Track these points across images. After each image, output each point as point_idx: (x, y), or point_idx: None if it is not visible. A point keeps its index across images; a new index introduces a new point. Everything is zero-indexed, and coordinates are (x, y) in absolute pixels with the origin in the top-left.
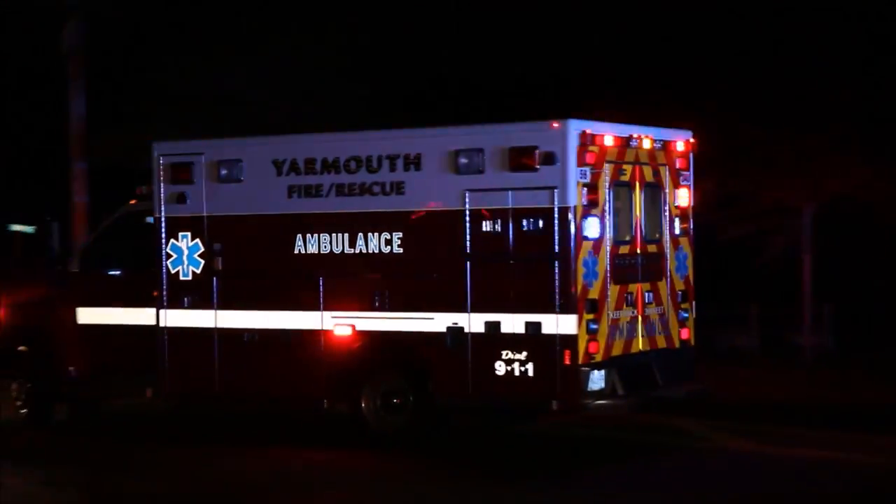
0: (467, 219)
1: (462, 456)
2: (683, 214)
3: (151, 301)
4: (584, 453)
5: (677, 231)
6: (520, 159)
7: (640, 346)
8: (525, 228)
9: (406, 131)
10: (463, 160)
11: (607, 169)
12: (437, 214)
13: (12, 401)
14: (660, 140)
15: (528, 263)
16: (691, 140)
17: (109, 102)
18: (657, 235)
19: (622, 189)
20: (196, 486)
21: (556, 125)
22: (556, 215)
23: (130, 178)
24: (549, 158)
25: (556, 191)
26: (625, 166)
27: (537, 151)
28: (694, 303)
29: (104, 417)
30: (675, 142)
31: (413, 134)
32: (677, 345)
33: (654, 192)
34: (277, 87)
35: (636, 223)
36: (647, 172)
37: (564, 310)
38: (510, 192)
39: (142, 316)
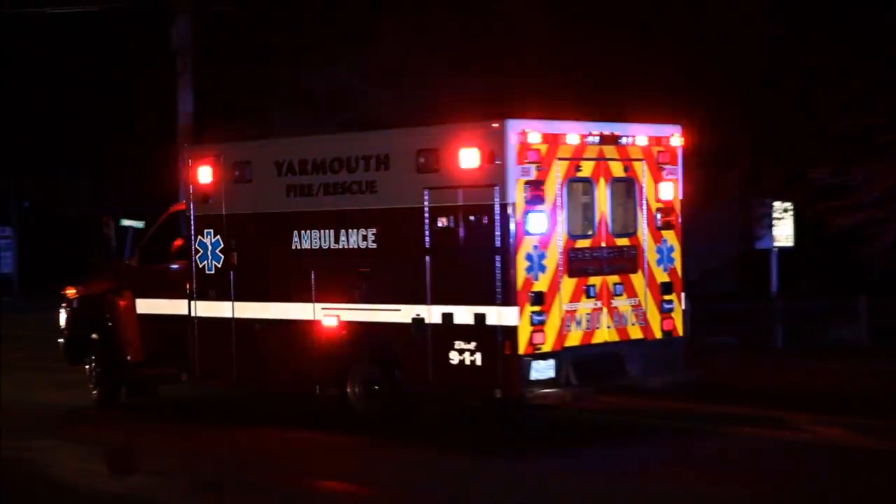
0: (426, 216)
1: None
2: (668, 207)
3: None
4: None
5: (660, 224)
6: (467, 158)
7: (607, 337)
8: (473, 224)
9: (377, 132)
10: (422, 160)
11: (559, 166)
12: (402, 212)
13: (87, 384)
14: (629, 136)
15: (475, 258)
16: (677, 134)
17: (220, 98)
18: (630, 229)
19: (582, 185)
20: None
21: (495, 125)
22: (496, 211)
23: None
24: (491, 157)
25: (496, 188)
26: (583, 163)
27: (480, 151)
28: (682, 294)
29: (162, 401)
30: (655, 136)
31: (383, 135)
32: (658, 335)
33: (628, 186)
34: (382, 81)
35: (600, 218)
36: (616, 168)
37: (505, 302)
38: (460, 190)
39: (181, 306)
